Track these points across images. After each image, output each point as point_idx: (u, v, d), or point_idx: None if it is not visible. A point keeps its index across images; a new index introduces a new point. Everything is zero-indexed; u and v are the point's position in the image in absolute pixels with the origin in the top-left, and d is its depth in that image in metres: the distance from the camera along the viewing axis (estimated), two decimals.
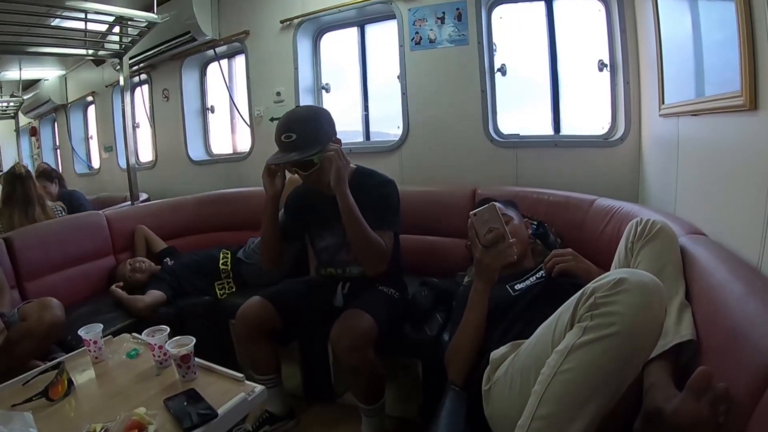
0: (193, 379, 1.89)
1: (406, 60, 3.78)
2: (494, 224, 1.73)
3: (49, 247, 3.23)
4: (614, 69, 3.27)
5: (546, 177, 3.31)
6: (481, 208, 1.75)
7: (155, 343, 1.98)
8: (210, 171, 5.20)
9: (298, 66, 4.29)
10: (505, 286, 2.00)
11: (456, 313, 2.09)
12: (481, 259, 1.76)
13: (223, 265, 3.33)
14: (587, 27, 3.43)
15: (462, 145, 3.64)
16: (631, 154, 3.14)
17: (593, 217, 2.55)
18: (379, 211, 2.39)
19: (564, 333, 1.31)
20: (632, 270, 1.30)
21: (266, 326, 2.50)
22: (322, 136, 2.30)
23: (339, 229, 2.43)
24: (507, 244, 1.72)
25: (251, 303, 2.53)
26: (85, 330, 2.13)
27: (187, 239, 3.90)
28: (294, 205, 2.68)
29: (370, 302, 2.39)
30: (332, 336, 2.25)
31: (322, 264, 2.68)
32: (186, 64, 5.26)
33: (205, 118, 5.47)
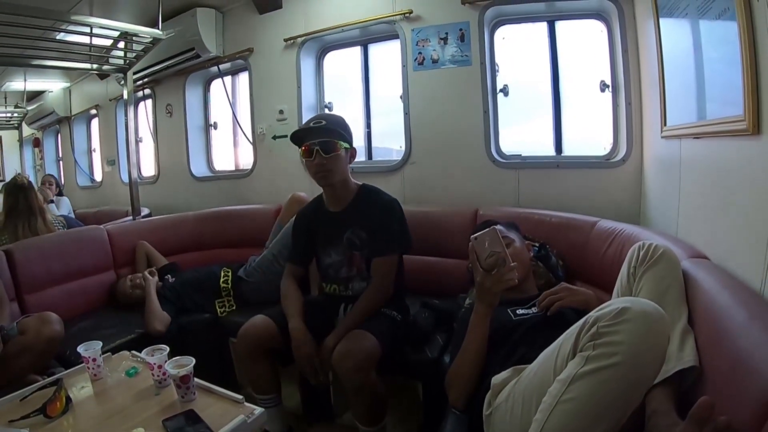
0: (192, 400, 1.88)
1: (408, 80, 3.79)
2: (495, 248, 1.73)
3: (49, 261, 3.22)
4: (616, 90, 3.28)
5: (547, 198, 3.30)
6: (481, 232, 1.76)
7: (154, 363, 1.97)
8: (212, 187, 5.20)
9: (301, 84, 4.31)
10: (506, 309, 1.99)
11: (457, 336, 2.08)
12: (483, 283, 1.75)
13: (224, 283, 3.31)
14: (589, 47, 3.44)
15: (464, 166, 3.63)
16: (633, 176, 3.13)
17: (595, 239, 2.54)
18: (382, 235, 2.49)
19: (566, 361, 1.32)
20: (634, 299, 1.30)
21: (268, 345, 2.49)
22: (348, 134, 2.51)
23: (341, 246, 2.56)
24: (508, 268, 1.72)
25: (253, 322, 2.52)
26: (84, 347, 2.11)
27: (188, 256, 3.89)
28: (303, 226, 2.74)
29: (373, 323, 2.39)
30: (335, 356, 2.23)
31: (327, 280, 2.69)
32: (190, 80, 5.29)
33: (207, 135, 5.48)
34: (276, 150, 4.53)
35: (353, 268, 2.59)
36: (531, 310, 2.01)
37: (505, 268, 1.72)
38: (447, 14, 3.60)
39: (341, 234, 2.55)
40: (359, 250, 2.56)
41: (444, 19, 3.62)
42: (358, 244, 2.55)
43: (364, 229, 2.54)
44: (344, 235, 2.56)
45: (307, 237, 2.70)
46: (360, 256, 2.57)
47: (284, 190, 3.89)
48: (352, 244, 2.56)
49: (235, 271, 3.38)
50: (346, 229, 2.55)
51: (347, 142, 2.47)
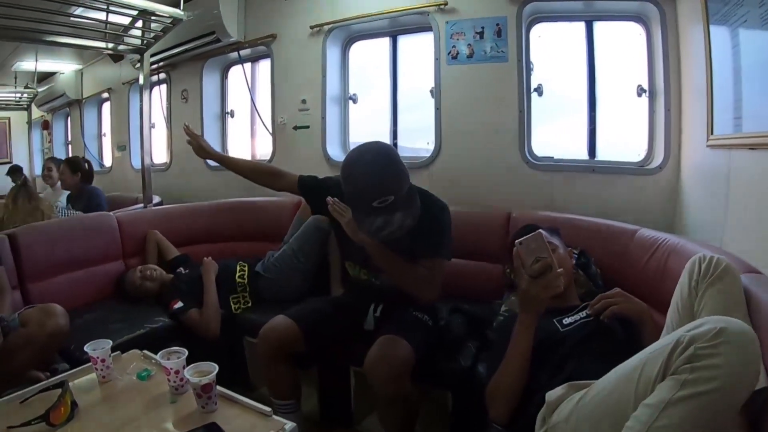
0: (214, 411, 1.70)
1: (441, 74, 3.62)
2: (541, 253, 1.64)
3: (55, 247, 3.06)
4: (653, 95, 3.17)
5: (581, 203, 3.16)
6: (527, 236, 1.67)
7: (171, 368, 1.78)
8: (227, 177, 4.80)
9: (326, 74, 4.14)
10: (552, 320, 1.89)
11: (497, 346, 1.93)
12: (528, 290, 1.66)
13: (240, 278, 3.14)
14: (626, 50, 3.32)
15: (496, 166, 3.47)
16: (669, 184, 3.02)
17: (636, 248, 2.40)
18: (433, 237, 2.28)
19: (652, 384, 1.23)
20: (728, 319, 1.20)
21: (290, 349, 2.36)
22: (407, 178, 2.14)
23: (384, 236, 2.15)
24: (555, 275, 1.63)
25: (276, 323, 2.36)
26: (92, 346, 1.93)
27: (201, 248, 3.68)
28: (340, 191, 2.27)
29: (406, 328, 2.24)
30: (368, 363, 2.10)
31: (352, 260, 2.51)
32: (207, 65, 5.11)
33: (224, 123, 5.31)
34: (297, 141, 4.35)
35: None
36: (576, 319, 1.90)
37: (551, 274, 1.63)
38: (484, 8, 3.43)
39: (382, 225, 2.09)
40: (393, 247, 2.21)
41: (480, 12, 3.44)
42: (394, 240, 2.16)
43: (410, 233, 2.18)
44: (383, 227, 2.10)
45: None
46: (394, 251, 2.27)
47: None
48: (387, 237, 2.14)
49: (252, 266, 3.20)
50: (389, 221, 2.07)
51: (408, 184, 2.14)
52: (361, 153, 2.13)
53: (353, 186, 2.09)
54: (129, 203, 4.65)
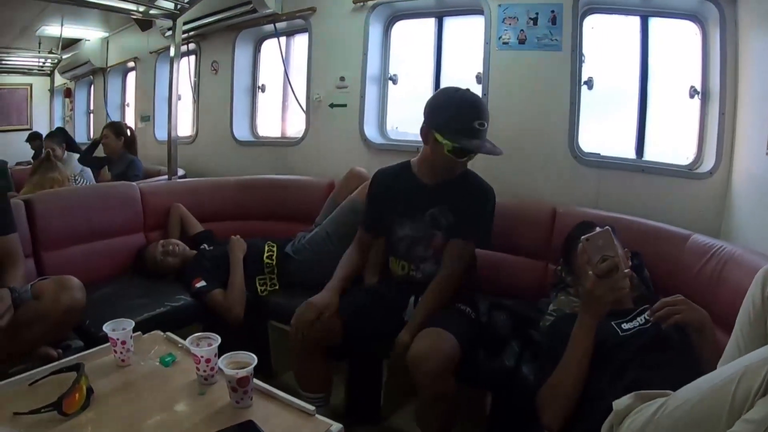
0: (249, 407, 1.51)
1: (491, 59, 3.40)
2: (608, 252, 1.58)
3: (73, 216, 2.93)
4: (707, 97, 3.01)
5: (627, 202, 2.99)
6: (594, 233, 1.62)
7: (202, 356, 1.59)
8: (254, 153, 4.83)
9: (367, 51, 3.93)
10: (611, 323, 1.80)
11: (549, 348, 1.87)
12: (593, 291, 1.61)
13: (268, 259, 2.97)
14: (681, 49, 3.15)
15: (542, 158, 3.29)
16: (718, 190, 2.86)
17: (689, 254, 2.32)
18: (470, 220, 2.30)
19: (751, 399, 1.13)
20: None
21: (326, 340, 2.25)
22: None
23: (422, 221, 2.33)
24: (622, 275, 1.58)
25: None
26: (112, 325, 1.75)
27: (226, 225, 3.51)
28: (379, 194, 2.48)
29: (451, 321, 2.13)
30: (413, 357, 1.98)
31: (395, 254, 2.44)
32: (241, 37, 4.90)
33: (254, 97, 5.10)
34: (332, 119, 4.16)
35: (430, 249, 2.34)
36: (635, 324, 1.82)
37: (618, 275, 1.57)
38: None
39: (426, 208, 2.31)
40: (441, 230, 2.31)
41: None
42: (444, 224, 2.31)
43: (453, 210, 2.30)
44: (428, 211, 2.32)
45: (386, 203, 2.42)
46: (441, 237, 2.32)
47: (338, 163, 3.60)
48: (435, 222, 2.32)
49: (282, 247, 3.03)
50: (437, 204, 2.31)
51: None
52: (455, 88, 2.27)
53: (455, 106, 2.18)
54: (151, 175, 4.51)
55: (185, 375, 1.68)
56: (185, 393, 1.59)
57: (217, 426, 1.39)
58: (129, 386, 1.64)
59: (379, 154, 3.79)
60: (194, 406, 1.52)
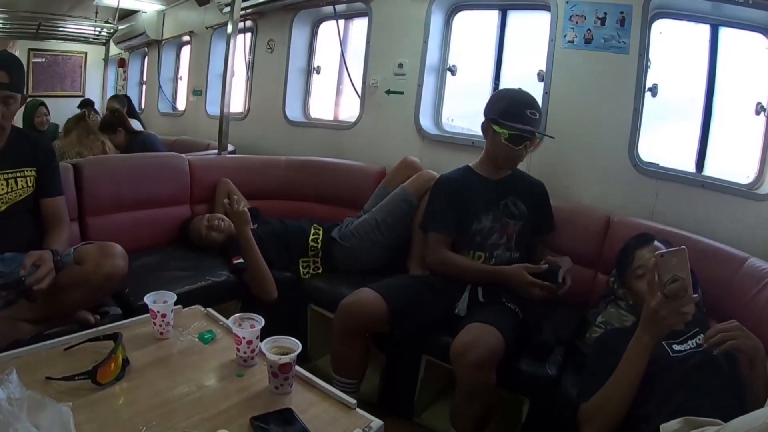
0: (288, 393, 1.45)
1: (555, 57, 3.29)
2: (680, 272, 1.51)
3: (120, 183, 2.94)
4: None
5: (683, 217, 2.87)
6: (669, 250, 1.55)
7: (244, 337, 1.53)
8: (305, 135, 4.78)
9: (428, 40, 3.83)
10: (662, 342, 1.75)
11: (596, 361, 1.83)
12: (657, 310, 1.53)
13: (313, 242, 2.93)
14: (750, 63, 3.00)
15: (600, 163, 3.17)
16: None
17: (743, 277, 2.20)
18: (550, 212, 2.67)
19: None
20: None
21: (373, 327, 2.30)
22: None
23: (496, 212, 2.45)
24: (689, 299, 1.52)
25: (363, 297, 2.27)
26: (153, 297, 1.70)
27: (273, 203, 3.50)
28: (451, 192, 2.52)
29: (499, 317, 2.17)
30: (456, 348, 2.01)
31: (471, 247, 2.46)
32: (298, 17, 4.84)
33: (308, 78, 5.06)
34: (387, 106, 4.06)
35: (503, 236, 2.45)
36: (686, 348, 1.77)
37: (686, 298, 1.52)
38: None
39: (499, 200, 2.47)
40: (514, 219, 2.47)
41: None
42: (516, 213, 2.48)
43: (523, 200, 2.50)
44: (502, 201, 2.47)
45: (460, 203, 2.47)
46: (513, 225, 2.47)
47: (390, 151, 3.54)
48: (508, 211, 2.47)
49: (328, 231, 2.99)
50: (506, 195, 2.49)
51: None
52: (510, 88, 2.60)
53: (509, 98, 2.44)
54: (200, 149, 4.50)
55: (224, 354, 1.63)
56: (223, 373, 1.54)
57: (254, 410, 1.34)
58: (166, 360, 1.60)
59: (433, 144, 3.69)
60: (231, 387, 1.47)
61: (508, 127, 2.31)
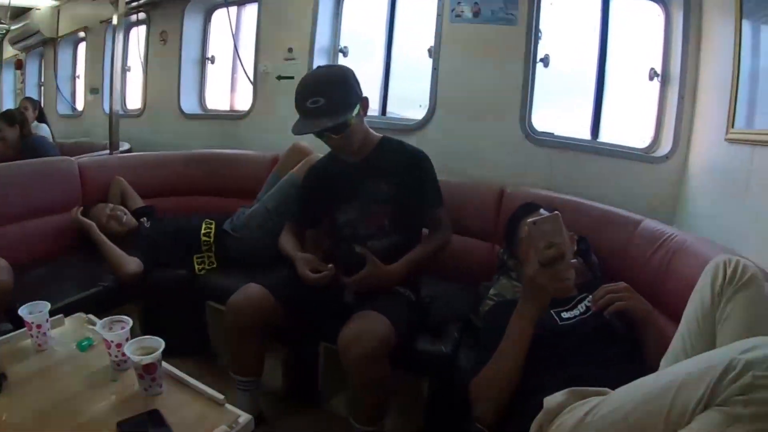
0: (159, 394, 1.47)
1: (443, 32, 3.35)
2: (555, 238, 1.44)
3: (5, 194, 2.80)
4: (666, 80, 3.00)
5: (580, 185, 2.96)
6: (542, 217, 1.50)
7: (112, 340, 1.54)
8: (202, 127, 4.75)
9: (317, 22, 3.84)
10: (550, 311, 1.72)
11: (487, 335, 1.77)
12: (535, 279, 1.46)
13: (205, 237, 2.89)
14: (642, 30, 3.14)
15: (493, 136, 3.24)
16: (675, 175, 2.86)
17: (639, 240, 2.24)
18: (433, 186, 2.32)
19: (689, 413, 1.03)
20: None
21: (263, 323, 2.16)
22: (353, 96, 2.12)
23: (359, 201, 2.26)
24: (567, 265, 1.47)
25: (249, 293, 2.15)
26: (27, 309, 1.69)
27: (169, 200, 3.45)
28: (313, 185, 2.45)
29: (388, 304, 2.06)
30: (342, 341, 1.90)
31: (344, 239, 2.33)
32: (190, 6, 4.77)
33: (203, 69, 4.99)
34: (279, 92, 4.06)
35: (372, 226, 2.26)
36: (576, 313, 1.74)
37: (563, 263, 1.45)
38: None
39: (360, 185, 2.25)
40: (380, 204, 2.24)
41: None
42: (380, 198, 2.24)
43: (386, 180, 2.24)
44: (361, 187, 2.25)
45: (318, 195, 2.38)
46: (380, 211, 2.25)
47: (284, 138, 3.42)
48: (371, 197, 2.25)
49: (220, 224, 2.95)
50: (364, 179, 2.26)
51: (355, 105, 2.10)
52: (319, 66, 2.34)
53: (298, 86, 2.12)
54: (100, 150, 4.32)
55: (101, 359, 1.63)
56: (97, 379, 1.55)
57: (125, 414, 1.36)
58: (44, 372, 1.60)
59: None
60: (105, 392, 1.48)
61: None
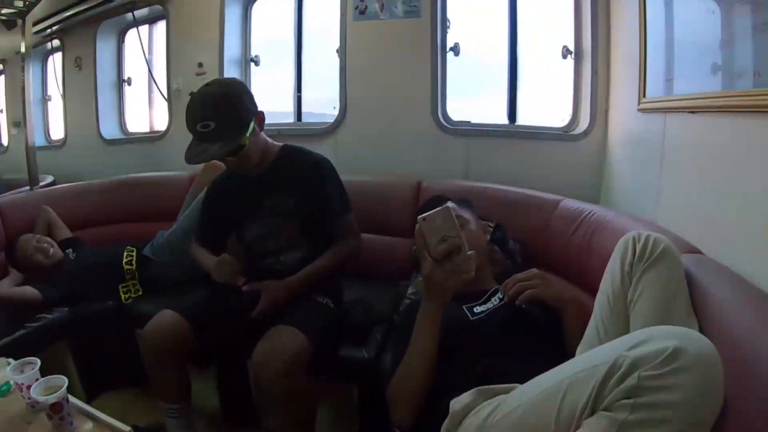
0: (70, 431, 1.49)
1: (347, 31, 3.39)
2: (448, 232, 1.38)
3: None
4: (580, 57, 3.06)
5: (500, 171, 3.01)
6: (431, 212, 1.40)
7: (23, 383, 1.57)
8: (125, 151, 4.68)
9: (224, 34, 3.85)
10: (461, 306, 1.69)
11: (400, 336, 1.73)
12: (431, 276, 1.41)
13: (128, 265, 2.85)
14: (552, 9, 3.18)
15: (407, 131, 3.29)
16: (595, 150, 2.92)
17: (558, 220, 2.27)
18: (336, 193, 2.26)
19: (577, 418, 0.98)
20: (683, 332, 0.96)
21: (178, 348, 2.10)
22: (245, 115, 2.03)
23: (265, 217, 2.22)
24: (464, 258, 1.38)
25: (161, 320, 2.10)
26: None
27: (95, 230, 3.39)
28: (214, 203, 2.39)
29: (303, 316, 2.04)
30: (256, 359, 1.88)
31: (255, 256, 2.31)
32: (102, 29, 4.69)
33: (121, 91, 4.91)
34: None
35: (281, 240, 2.24)
36: (489, 306, 1.71)
37: (460, 257, 1.38)
38: None
39: (262, 200, 2.21)
40: (285, 218, 2.21)
41: None
42: (284, 211, 2.20)
43: (289, 193, 2.19)
44: (264, 203, 2.21)
45: (220, 211, 2.34)
46: (288, 225, 2.22)
47: None
48: (275, 211, 2.21)
49: (141, 250, 2.93)
50: (267, 193, 2.21)
51: (248, 125, 2.03)
52: (208, 83, 2.07)
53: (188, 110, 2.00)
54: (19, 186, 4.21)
55: (18, 403, 1.64)
56: (15, 422, 1.57)
57: None
58: None
59: None
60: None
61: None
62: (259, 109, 2.12)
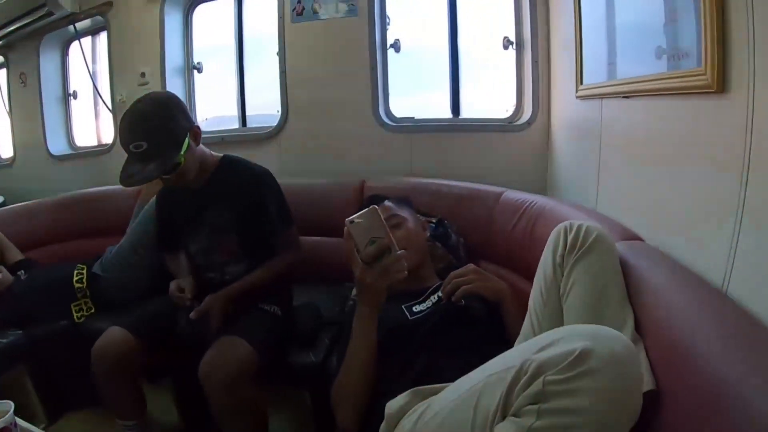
0: None
1: (285, 33, 3.38)
2: (377, 233, 1.38)
3: None
4: (521, 47, 3.08)
5: (444, 166, 3.06)
6: (358, 214, 1.40)
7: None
8: (73, 167, 4.61)
9: (164, 42, 3.82)
10: (400, 306, 1.69)
11: (344, 337, 1.71)
12: (363, 279, 1.40)
13: (78, 283, 2.79)
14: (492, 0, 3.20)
15: (349, 131, 3.30)
16: (539, 140, 2.96)
17: (501, 212, 2.28)
18: (279, 205, 2.26)
19: (489, 423, 0.96)
20: (594, 331, 0.91)
21: (130, 365, 2.09)
22: (179, 132, 1.99)
23: (206, 230, 2.21)
24: (394, 258, 1.37)
25: (110, 337, 2.08)
26: None
27: (47, 250, 3.33)
28: (163, 211, 2.42)
29: (249, 326, 2.04)
30: (202, 370, 1.87)
31: (200, 269, 2.29)
32: (45, 43, 4.62)
33: (67, 106, 4.84)
34: None
35: (223, 254, 2.23)
36: (431, 298, 1.72)
37: (390, 257, 1.37)
38: None
39: (202, 213, 2.19)
40: (223, 232, 2.20)
41: None
42: (222, 225, 2.19)
43: (228, 207, 2.18)
44: (206, 214, 2.20)
45: (171, 220, 2.35)
46: (227, 239, 2.21)
47: None
48: (215, 227, 2.20)
49: (91, 267, 2.87)
50: (207, 206, 2.19)
51: (182, 143, 1.98)
52: (140, 99, 2.02)
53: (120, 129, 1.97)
54: None
55: None
56: None
57: None
58: None
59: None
60: None
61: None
62: (195, 124, 2.09)
